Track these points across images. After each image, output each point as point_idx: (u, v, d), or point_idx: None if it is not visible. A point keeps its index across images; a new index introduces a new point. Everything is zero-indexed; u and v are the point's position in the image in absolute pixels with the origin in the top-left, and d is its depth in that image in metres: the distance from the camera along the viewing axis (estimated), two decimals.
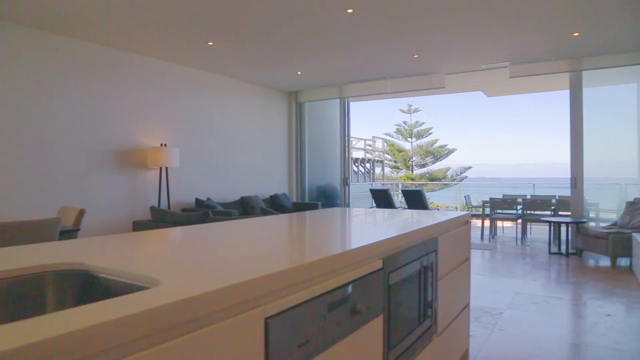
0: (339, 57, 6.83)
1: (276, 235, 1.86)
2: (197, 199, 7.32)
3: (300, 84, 8.86)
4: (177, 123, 7.27)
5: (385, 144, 25.91)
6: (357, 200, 13.23)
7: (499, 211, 8.66)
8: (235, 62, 7.05)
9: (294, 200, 9.60)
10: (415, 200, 10.31)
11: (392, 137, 26.54)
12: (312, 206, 8.58)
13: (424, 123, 26.13)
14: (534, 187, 11.48)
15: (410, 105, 26.37)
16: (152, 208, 5.09)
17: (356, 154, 21.82)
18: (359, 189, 13.88)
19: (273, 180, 9.16)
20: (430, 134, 26.07)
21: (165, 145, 6.99)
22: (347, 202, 9.12)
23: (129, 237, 1.76)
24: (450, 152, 25.81)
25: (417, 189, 10.45)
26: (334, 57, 6.86)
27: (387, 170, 26.74)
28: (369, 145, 22.76)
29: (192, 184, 7.53)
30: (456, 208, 14.61)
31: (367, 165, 22.03)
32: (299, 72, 7.85)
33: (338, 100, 9.23)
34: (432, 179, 25.09)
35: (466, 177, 26.39)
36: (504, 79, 8.79)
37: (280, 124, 9.48)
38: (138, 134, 6.72)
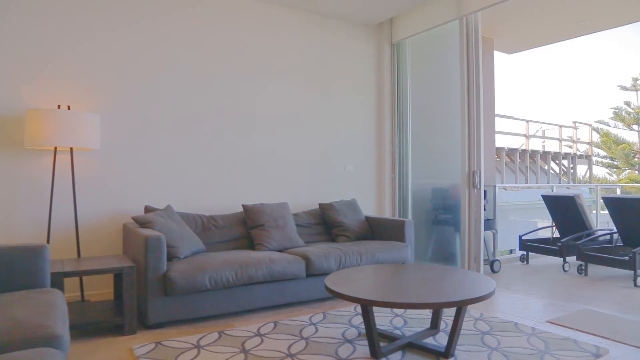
0: None
1: None
2: (147, 208, 3.86)
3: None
4: (101, 68, 3.89)
5: (597, 134, 19.11)
6: (519, 213, 8.33)
7: None
8: None
9: (372, 213, 5.46)
10: (634, 215, 5.24)
11: (608, 125, 19.48)
12: (393, 228, 4.39)
13: None
14: None
15: (636, 79, 18.97)
16: None
17: (549, 146, 15.93)
18: (532, 196, 8.86)
19: (330, 177, 5.18)
20: None
21: (68, 107, 3.73)
22: (472, 216, 4.64)
23: None
24: None
25: (638, 195, 5.32)
26: None
27: (600, 170, 19.80)
28: (569, 136, 16.62)
29: (141, 182, 4.10)
30: None
31: (565, 162, 15.99)
32: None
33: (457, 26, 4.82)
34: None
35: None
36: None
37: (359, 79, 5.46)
38: (4, 86, 3.56)
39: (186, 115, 4.29)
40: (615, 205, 5.47)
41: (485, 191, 5.62)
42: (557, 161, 15.35)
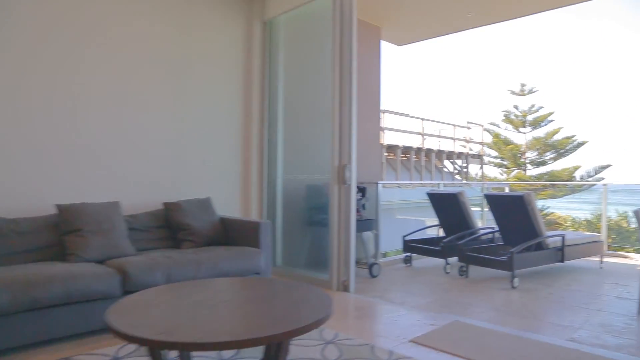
0: None
1: None
2: None
3: None
4: None
5: (488, 135, 19.95)
6: (413, 211, 8.09)
7: None
8: None
9: (237, 213, 4.78)
10: (514, 213, 5.05)
11: (499, 127, 20.42)
12: (248, 231, 3.73)
13: (542, 107, 19.66)
14: None
15: (523, 85, 20.06)
16: None
17: (445, 145, 16.21)
18: (419, 195, 8.67)
19: (185, 172, 4.41)
20: (550, 121, 19.53)
21: None
22: (342, 216, 4.11)
23: None
24: (579, 145, 19.06)
25: (518, 193, 5.13)
26: None
27: (492, 169, 20.70)
28: (464, 136, 17.08)
29: None
30: (598, 230, 8.77)
31: (460, 161, 16.40)
32: None
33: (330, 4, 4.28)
34: (554, 182, 18.63)
35: (602, 179, 19.48)
36: None
37: (225, 61, 4.75)
38: None
39: None
40: (496, 203, 5.25)
41: (365, 188, 5.17)
42: (451, 160, 15.68)
